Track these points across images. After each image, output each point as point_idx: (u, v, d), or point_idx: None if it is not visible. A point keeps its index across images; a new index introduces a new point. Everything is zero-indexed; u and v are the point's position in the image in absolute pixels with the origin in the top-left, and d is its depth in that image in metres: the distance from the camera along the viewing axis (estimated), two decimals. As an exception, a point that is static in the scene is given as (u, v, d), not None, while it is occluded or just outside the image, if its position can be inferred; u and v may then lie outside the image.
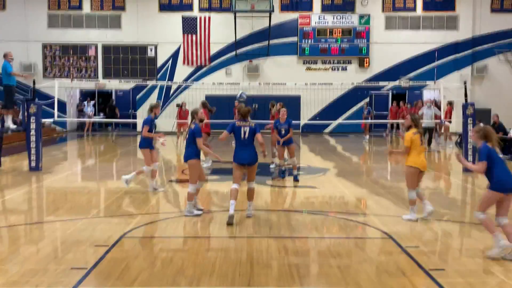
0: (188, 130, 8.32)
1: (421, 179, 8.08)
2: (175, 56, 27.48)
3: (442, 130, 20.34)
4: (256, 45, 27.18)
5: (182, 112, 20.05)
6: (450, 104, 20.53)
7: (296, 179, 11.49)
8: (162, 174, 13.23)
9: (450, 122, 19.39)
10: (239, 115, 8.32)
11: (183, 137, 17.31)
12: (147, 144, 10.11)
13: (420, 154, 7.88)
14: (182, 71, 27.36)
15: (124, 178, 10.03)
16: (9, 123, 13.64)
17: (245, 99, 9.25)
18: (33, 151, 12.81)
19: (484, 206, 6.15)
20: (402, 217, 7.98)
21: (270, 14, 24.80)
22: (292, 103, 24.11)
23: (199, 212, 8.26)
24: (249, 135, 7.98)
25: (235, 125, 8.09)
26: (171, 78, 27.22)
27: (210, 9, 27.28)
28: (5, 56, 13.18)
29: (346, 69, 27.48)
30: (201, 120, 8.55)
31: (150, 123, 10.08)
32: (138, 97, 27.72)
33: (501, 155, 6.35)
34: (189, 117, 9.01)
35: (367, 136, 22.73)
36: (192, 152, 8.23)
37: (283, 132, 11.60)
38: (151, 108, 10.36)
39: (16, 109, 13.60)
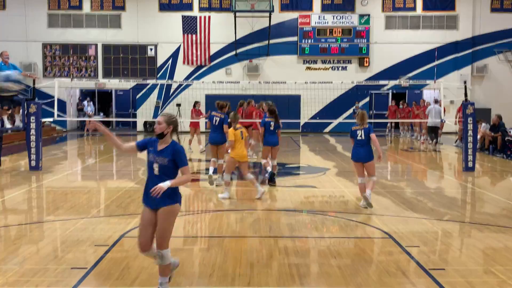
0: None
1: (244, 168, 9.52)
2: (175, 55, 27.47)
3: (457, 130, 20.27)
4: (256, 45, 27.17)
5: (195, 112, 17.65)
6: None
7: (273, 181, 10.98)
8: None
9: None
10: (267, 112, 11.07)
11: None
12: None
13: (240, 147, 9.39)
14: (182, 70, 27.35)
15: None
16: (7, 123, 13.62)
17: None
18: (33, 150, 12.80)
19: (356, 172, 8.93)
20: (218, 195, 9.56)
21: (270, 14, 24.79)
22: (292, 103, 24.13)
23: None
24: (274, 127, 10.95)
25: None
26: (171, 77, 27.22)
27: (210, 8, 27.28)
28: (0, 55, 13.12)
29: (346, 69, 27.48)
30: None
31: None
32: (138, 96, 27.71)
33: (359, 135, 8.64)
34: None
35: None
36: None
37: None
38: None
39: (5, 109, 13.50)
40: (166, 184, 4.64)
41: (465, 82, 15.35)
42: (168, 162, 4.76)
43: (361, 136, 8.64)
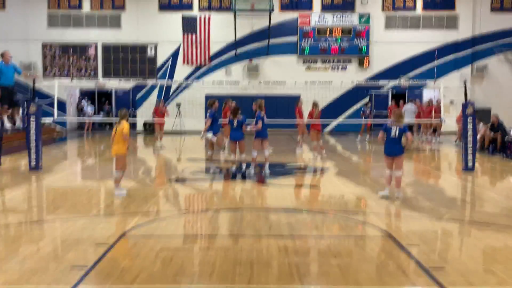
0: None
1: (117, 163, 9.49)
2: (175, 55, 27.48)
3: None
4: (256, 45, 27.18)
5: (159, 111, 19.94)
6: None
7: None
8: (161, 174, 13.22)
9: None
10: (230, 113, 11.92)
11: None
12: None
13: (114, 143, 9.36)
14: (182, 70, 27.36)
15: None
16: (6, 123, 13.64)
17: None
18: (33, 150, 12.80)
19: (385, 165, 9.39)
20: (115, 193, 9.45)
21: (270, 14, 24.79)
22: (292, 103, 23.96)
23: None
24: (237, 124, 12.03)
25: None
26: (171, 77, 27.24)
27: (210, 8, 27.28)
28: (1, 56, 13.14)
29: (346, 69, 27.47)
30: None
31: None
32: (138, 96, 27.72)
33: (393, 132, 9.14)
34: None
35: (368, 135, 22.74)
36: None
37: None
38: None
39: (5, 108, 13.51)
40: None
41: (465, 82, 15.31)
42: None
43: (395, 134, 9.18)
